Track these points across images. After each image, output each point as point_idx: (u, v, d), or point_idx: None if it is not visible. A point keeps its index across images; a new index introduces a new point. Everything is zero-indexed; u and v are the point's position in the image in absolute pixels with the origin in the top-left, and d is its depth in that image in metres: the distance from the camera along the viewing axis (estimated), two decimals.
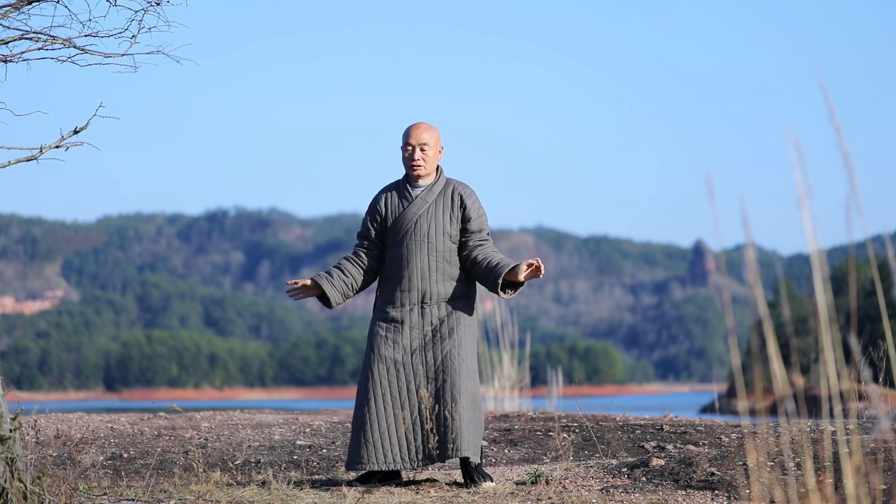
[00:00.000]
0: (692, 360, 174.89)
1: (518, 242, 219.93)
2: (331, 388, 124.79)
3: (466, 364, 5.98)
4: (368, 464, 5.95)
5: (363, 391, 6.01)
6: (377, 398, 5.98)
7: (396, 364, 6.01)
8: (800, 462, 5.99)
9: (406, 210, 6.12)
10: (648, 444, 7.86)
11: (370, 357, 6.05)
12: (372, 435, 5.96)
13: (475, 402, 6.00)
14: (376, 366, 6.01)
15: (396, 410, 5.97)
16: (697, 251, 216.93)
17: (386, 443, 5.96)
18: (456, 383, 5.93)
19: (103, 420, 9.52)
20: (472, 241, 6.12)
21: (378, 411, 5.97)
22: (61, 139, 5.45)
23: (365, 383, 6.01)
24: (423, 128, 6.16)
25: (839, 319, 40.68)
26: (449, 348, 5.98)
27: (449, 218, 6.10)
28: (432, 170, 6.18)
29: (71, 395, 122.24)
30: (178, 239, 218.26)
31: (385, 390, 5.98)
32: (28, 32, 5.45)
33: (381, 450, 5.95)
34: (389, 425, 5.96)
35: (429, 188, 6.16)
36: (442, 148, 6.21)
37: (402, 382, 6.00)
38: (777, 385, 3.36)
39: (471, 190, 6.19)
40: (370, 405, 5.98)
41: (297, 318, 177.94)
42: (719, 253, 3.26)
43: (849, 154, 3.28)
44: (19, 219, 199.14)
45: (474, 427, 5.96)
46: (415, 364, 6.00)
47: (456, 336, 6.01)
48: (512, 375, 13.88)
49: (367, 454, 5.95)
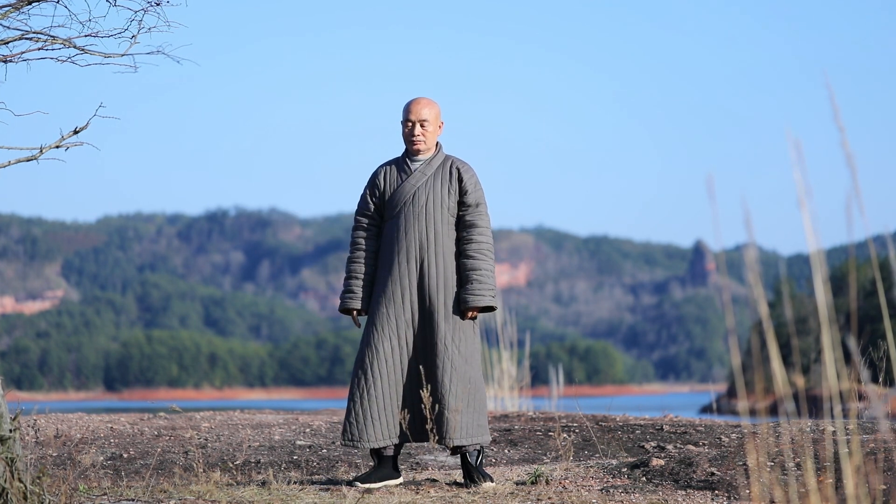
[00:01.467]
0: (692, 360, 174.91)
1: (518, 242, 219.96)
2: (331, 388, 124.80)
3: (459, 350, 5.98)
4: (367, 441, 5.95)
5: (362, 366, 6.00)
6: (377, 374, 5.97)
7: (399, 340, 6.01)
8: (800, 462, 5.99)
9: (404, 182, 6.13)
10: (648, 444, 7.86)
11: (371, 333, 6.04)
12: (371, 412, 5.95)
13: (474, 385, 5.99)
14: (380, 342, 6.00)
15: (397, 386, 5.98)
16: (697, 251, 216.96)
17: (388, 419, 5.96)
18: (448, 368, 5.92)
19: (103, 420, 9.52)
20: (468, 215, 6.11)
21: (378, 387, 5.96)
22: (61, 139, 5.45)
23: (364, 358, 6.00)
24: (423, 103, 6.19)
25: (839, 319, 40.70)
26: (444, 330, 5.97)
27: (447, 191, 6.11)
28: (432, 145, 6.20)
29: (71, 395, 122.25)
30: (178, 239, 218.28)
31: (386, 366, 5.98)
32: (28, 32, 5.45)
33: (383, 426, 5.95)
34: (391, 401, 5.96)
35: (427, 162, 6.18)
36: (442, 123, 6.24)
37: (404, 358, 6.00)
38: (777, 385, 3.36)
39: (468, 165, 6.20)
40: (371, 381, 5.97)
41: (297, 318, 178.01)
42: (719, 253, 3.26)
43: (852, 154, 3.28)
44: (19, 219, 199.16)
45: (473, 410, 5.95)
46: (416, 340, 6.01)
47: (453, 321, 6.01)
48: (512, 375, 13.88)
49: (367, 431, 5.95)
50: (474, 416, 5.98)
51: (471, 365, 6.01)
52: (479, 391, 6.03)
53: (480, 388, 6.05)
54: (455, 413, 5.90)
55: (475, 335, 6.09)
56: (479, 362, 6.10)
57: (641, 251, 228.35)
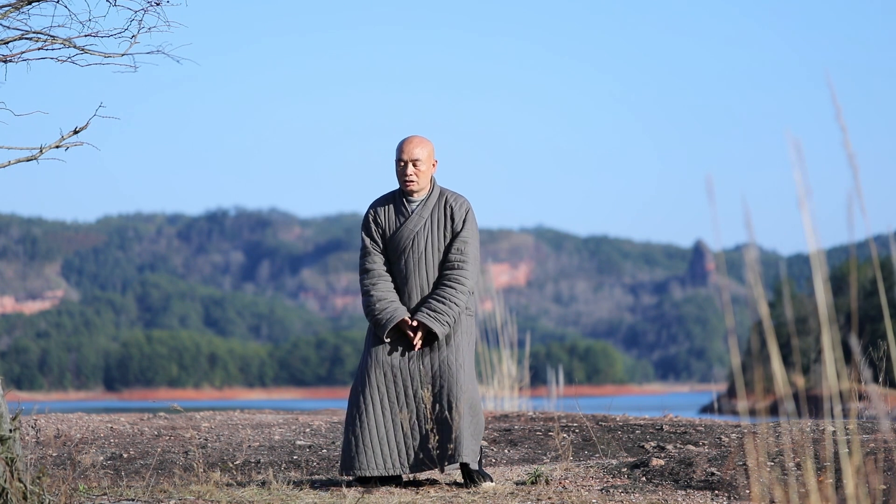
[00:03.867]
0: (692, 360, 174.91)
1: (518, 242, 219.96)
2: (331, 388, 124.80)
3: (464, 369, 5.97)
4: (366, 469, 5.94)
5: (358, 395, 6.00)
6: (374, 402, 5.97)
7: (394, 368, 6.00)
8: (800, 462, 5.99)
9: (403, 226, 6.11)
10: (648, 444, 7.86)
11: (367, 360, 6.04)
12: (370, 440, 5.95)
13: (474, 407, 5.99)
14: (374, 370, 6.00)
15: (393, 415, 5.96)
16: (697, 251, 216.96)
17: (384, 448, 5.94)
18: (454, 388, 5.92)
19: (103, 420, 9.52)
20: (456, 242, 6.09)
21: (375, 415, 5.96)
22: (61, 139, 5.45)
23: (361, 387, 5.99)
24: (415, 142, 6.15)
25: (839, 319, 40.59)
26: (447, 353, 5.98)
27: (443, 234, 6.11)
28: (426, 184, 6.17)
29: (71, 395, 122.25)
30: (178, 239, 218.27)
31: (382, 395, 5.97)
32: (28, 32, 5.45)
33: (378, 455, 5.94)
34: (388, 430, 5.95)
35: (423, 203, 6.15)
36: (436, 162, 6.20)
37: (400, 387, 5.99)
38: (777, 385, 3.36)
39: (463, 200, 6.16)
40: (366, 409, 5.96)
41: (296, 318, 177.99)
42: (719, 253, 3.26)
43: (854, 154, 3.28)
44: (19, 219, 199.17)
45: (473, 433, 5.95)
46: (412, 369, 5.99)
47: (454, 342, 6.02)
48: (512, 375, 13.88)
49: (364, 460, 5.94)
50: (473, 441, 5.96)
51: (473, 387, 6.02)
52: (479, 416, 6.04)
53: (480, 413, 6.06)
54: (466, 430, 5.88)
55: (471, 354, 6.11)
56: (477, 389, 6.10)
57: (641, 251, 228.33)
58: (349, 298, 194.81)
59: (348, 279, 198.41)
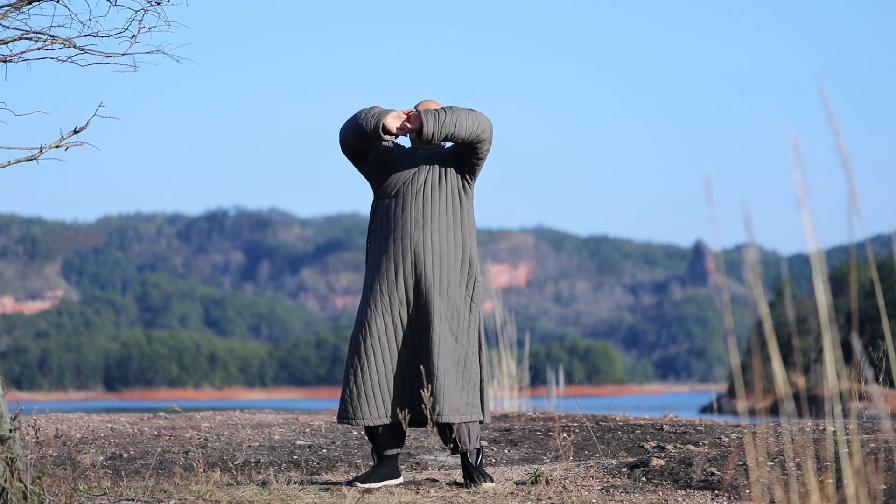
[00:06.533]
0: (692, 360, 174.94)
1: (518, 242, 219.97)
2: (331, 388, 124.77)
3: (455, 324, 5.96)
4: (362, 419, 5.93)
5: (355, 343, 5.98)
6: (370, 351, 5.95)
7: (393, 317, 5.99)
8: (800, 462, 5.99)
9: (404, 159, 6.13)
10: (648, 444, 7.86)
11: (364, 310, 6.03)
12: (365, 389, 5.94)
13: (465, 362, 5.97)
14: (372, 319, 5.99)
15: (391, 364, 5.96)
16: (697, 251, 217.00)
17: (379, 396, 5.94)
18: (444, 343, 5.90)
19: (103, 420, 9.52)
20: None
21: (371, 364, 5.95)
22: (61, 139, 5.45)
23: (357, 336, 5.98)
24: (431, 103, 6.24)
25: (839, 319, 40.57)
26: (439, 306, 5.95)
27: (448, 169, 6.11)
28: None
29: (71, 395, 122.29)
30: (178, 239, 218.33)
31: (378, 343, 5.96)
32: (28, 32, 5.45)
33: (374, 404, 5.94)
34: (383, 379, 5.94)
35: (433, 150, 6.19)
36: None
37: (398, 335, 5.98)
38: (777, 385, 3.36)
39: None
40: (364, 358, 5.95)
41: (296, 318, 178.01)
42: (719, 253, 3.26)
43: (848, 158, 3.28)
44: (19, 219, 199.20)
45: (462, 389, 5.92)
46: (410, 317, 5.98)
47: (449, 296, 5.99)
48: (512, 375, 13.88)
49: (360, 408, 5.93)
50: (464, 395, 5.95)
51: (462, 343, 5.99)
52: (471, 370, 6.00)
53: (473, 368, 6.01)
54: (444, 391, 5.87)
55: (472, 315, 6.06)
56: (476, 341, 6.06)
57: (641, 251, 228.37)
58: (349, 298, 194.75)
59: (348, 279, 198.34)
